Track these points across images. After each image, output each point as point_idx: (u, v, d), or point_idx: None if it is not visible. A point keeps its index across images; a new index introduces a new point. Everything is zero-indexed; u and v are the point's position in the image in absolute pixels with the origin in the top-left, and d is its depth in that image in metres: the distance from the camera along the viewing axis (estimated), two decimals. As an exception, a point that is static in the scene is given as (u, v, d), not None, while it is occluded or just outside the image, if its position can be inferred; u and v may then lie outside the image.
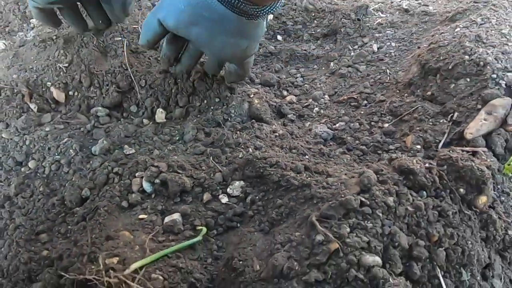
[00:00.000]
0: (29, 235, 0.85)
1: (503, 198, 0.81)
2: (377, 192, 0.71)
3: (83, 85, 1.18)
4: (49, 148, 1.02)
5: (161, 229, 0.82)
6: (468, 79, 0.91)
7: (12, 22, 1.29)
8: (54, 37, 1.26)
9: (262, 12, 0.85)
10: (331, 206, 0.70)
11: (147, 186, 0.89)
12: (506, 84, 0.86)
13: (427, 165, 0.76)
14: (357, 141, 1.00)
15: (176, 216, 0.84)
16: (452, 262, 0.71)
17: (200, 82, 1.23)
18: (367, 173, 0.74)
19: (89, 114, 1.15)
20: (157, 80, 1.22)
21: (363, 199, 0.70)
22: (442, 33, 1.02)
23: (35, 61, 1.19)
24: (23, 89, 1.13)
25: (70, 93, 1.17)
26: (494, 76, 0.87)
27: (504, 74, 0.87)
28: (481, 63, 0.89)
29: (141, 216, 0.84)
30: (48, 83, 1.15)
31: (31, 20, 1.30)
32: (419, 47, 1.09)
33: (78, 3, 1.12)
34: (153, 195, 0.89)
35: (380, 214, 0.69)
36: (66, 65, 1.17)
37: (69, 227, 0.85)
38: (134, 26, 1.31)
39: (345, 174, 0.81)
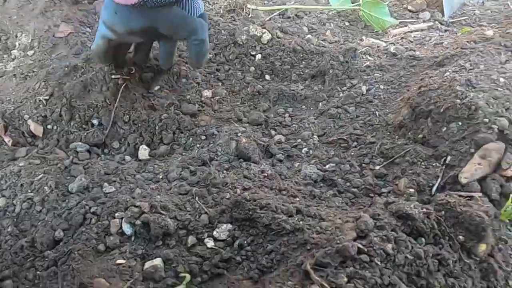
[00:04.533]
0: (-8, 282, 0.76)
1: (501, 246, 0.78)
2: (375, 239, 0.67)
3: (63, 119, 1.13)
4: (21, 185, 0.95)
5: (141, 276, 0.75)
6: (460, 123, 0.90)
7: (-8, 53, 1.25)
8: (36, 69, 1.22)
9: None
10: (326, 253, 0.65)
11: (127, 228, 0.83)
12: (498, 129, 0.86)
13: (424, 210, 0.73)
14: (348, 184, 0.97)
15: (158, 261, 0.77)
16: (454, 316, 0.66)
17: (185, 118, 1.20)
18: (364, 217, 0.70)
19: (68, 150, 1.10)
20: (141, 115, 1.18)
21: (360, 246, 0.66)
22: (432, 77, 1.03)
23: (13, 93, 1.14)
24: (-2, 121, 1.07)
25: (49, 127, 1.11)
26: (486, 120, 0.87)
27: (496, 119, 0.87)
28: (473, 107, 0.89)
29: (119, 261, 0.78)
30: (26, 115, 1.10)
31: (12, 51, 1.26)
32: (408, 90, 1.10)
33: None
34: (133, 238, 0.83)
35: (379, 263, 0.65)
36: (47, 97, 1.12)
37: (38, 272, 0.78)
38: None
39: (339, 218, 0.77)
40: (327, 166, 1.04)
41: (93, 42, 1.11)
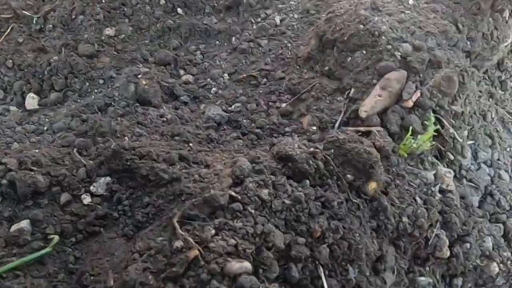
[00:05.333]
0: None
1: (398, 182, 0.73)
2: (251, 185, 0.61)
3: None
4: None
5: (3, 241, 0.67)
6: (364, 51, 0.82)
7: None
8: None
9: None
10: (194, 205, 0.59)
11: (-9, 189, 0.73)
12: (401, 56, 0.79)
13: (311, 149, 0.67)
14: (252, 124, 0.90)
15: (25, 224, 0.69)
16: (337, 259, 0.62)
17: (79, 60, 1.07)
18: (240, 162, 0.63)
19: None
20: (27, 59, 1.04)
21: (233, 193, 0.60)
22: (340, 1, 0.93)
23: None
24: None
25: None
26: (389, 47, 0.79)
27: (399, 45, 0.79)
28: (376, 32, 0.80)
29: (-20, 227, 0.69)
30: None
31: None
32: (320, 19, 1.00)
33: None
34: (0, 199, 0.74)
35: (253, 211, 0.59)
36: None
37: None
38: None
39: (224, 164, 0.70)
40: (233, 107, 0.96)
41: None
